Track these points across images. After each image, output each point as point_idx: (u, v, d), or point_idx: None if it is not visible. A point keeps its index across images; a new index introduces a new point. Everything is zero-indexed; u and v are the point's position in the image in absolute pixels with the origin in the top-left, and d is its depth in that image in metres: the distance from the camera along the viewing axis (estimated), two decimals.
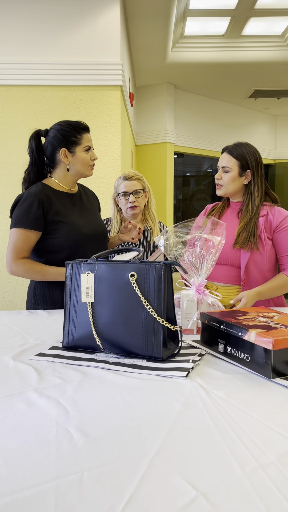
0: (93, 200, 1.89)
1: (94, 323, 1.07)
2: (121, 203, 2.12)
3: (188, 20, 3.97)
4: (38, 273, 1.61)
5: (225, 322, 1.04)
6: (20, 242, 1.60)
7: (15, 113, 3.07)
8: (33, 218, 1.59)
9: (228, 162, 1.74)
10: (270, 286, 1.61)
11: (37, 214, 1.59)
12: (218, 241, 1.29)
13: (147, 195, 2.15)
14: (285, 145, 7.06)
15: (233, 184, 1.75)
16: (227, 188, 1.76)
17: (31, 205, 1.59)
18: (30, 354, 1.06)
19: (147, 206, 2.18)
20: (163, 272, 1.02)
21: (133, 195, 2.07)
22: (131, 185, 2.08)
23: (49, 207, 1.62)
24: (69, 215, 1.68)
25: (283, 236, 1.69)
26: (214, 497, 0.52)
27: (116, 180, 2.16)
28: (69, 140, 1.65)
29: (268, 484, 0.55)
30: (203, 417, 0.73)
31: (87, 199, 1.84)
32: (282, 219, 1.70)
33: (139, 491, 0.53)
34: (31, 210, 1.59)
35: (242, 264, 1.66)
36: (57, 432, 0.68)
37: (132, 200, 2.07)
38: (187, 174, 6.70)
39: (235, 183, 1.75)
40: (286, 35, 4.24)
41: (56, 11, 3.01)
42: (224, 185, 1.76)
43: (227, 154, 1.76)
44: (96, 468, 0.58)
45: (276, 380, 0.89)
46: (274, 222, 1.69)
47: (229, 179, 1.74)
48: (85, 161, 1.68)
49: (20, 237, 1.60)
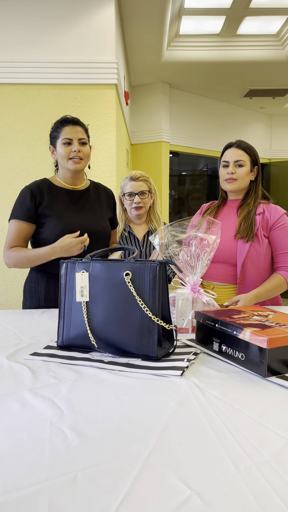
0: (104, 199, 1.83)
1: (88, 322, 1.06)
2: (127, 203, 2.14)
3: (183, 19, 3.96)
4: (23, 257, 1.60)
5: (220, 321, 1.04)
6: (12, 232, 1.63)
7: (10, 111, 3.05)
8: (25, 209, 1.62)
9: (242, 156, 1.73)
10: (267, 287, 1.61)
11: (29, 205, 1.62)
12: (213, 240, 1.29)
13: (153, 196, 2.17)
14: (280, 144, 7.08)
15: (246, 178, 1.75)
16: (241, 182, 1.75)
17: (24, 197, 1.64)
18: (24, 354, 1.06)
19: (152, 207, 2.20)
20: (158, 271, 1.02)
21: (138, 196, 2.09)
22: (137, 186, 2.10)
23: (41, 200, 1.64)
24: (60, 210, 1.66)
25: (279, 234, 1.70)
26: (208, 496, 0.52)
27: (123, 180, 2.17)
28: (52, 135, 1.69)
29: (262, 483, 0.55)
30: (197, 416, 0.73)
31: (96, 197, 1.79)
32: (279, 217, 1.71)
33: (133, 491, 0.53)
34: (25, 202, 1.63)
35: (238, 262, 1.66)
36: (51, 432, 0.67)
37: (138, 201, 2.09)
38: (183, 173, 6.70)
39: (248, 177, 1.76)
40: (281, 34, 4.25)
41: (51, 9, 3.00)
42: (238, 179, 1.74)
43: (237, 149, 1.75)
44: (90, 467, 0.58)
45: (270, 379, 0.89)
46: (270, 220, 1.70)
47: (244, 172, 1.73)
48: (62, 154, 1.64)
49: (13, 228, 1.63)
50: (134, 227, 2.19)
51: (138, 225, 2.20)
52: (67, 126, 1.64)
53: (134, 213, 2.12)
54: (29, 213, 1.62)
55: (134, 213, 2.12)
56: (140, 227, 2.19)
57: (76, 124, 1.66)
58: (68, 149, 1.63)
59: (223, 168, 1.77)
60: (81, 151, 1.64)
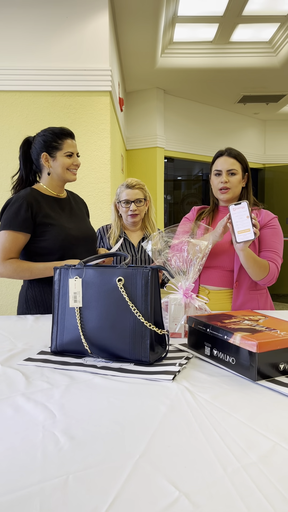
0: (82, 207, 1.93)
1: (82, 328, 1.07)
2: (122, 210, 2.16)
3: (177, 26, 4.00)
4: (25, 270, 1.63)
5: (211, 326, 1.05)
6: (8, 243, 1.62)
7: (5, 118, 3.07)
8: (21, 220, 1.62)
9: (234, 165, 1.74)
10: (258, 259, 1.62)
11: (25, 216, 1.63)
12: (205, 245, 1.31)
13: (148, 203, 2.19)
14: (274, 149, 7.13)
15: (239, 186, 1.77)
16: (235, 190, 1.76)
17: (19, 207, 1.63)
18: (18, 359, 1.07)
19: (147, 214, 2.23)
20: (150, 276, 1.03)
21: (134, 204, 2.11)
22: (133, 194, 2.12)
23: (38, 210, 1.66)
24: (58, 218, 1.71)
25: (268, 232, 1.72)
26: (196, 497, 0.54)
27: (119, 187, 2.19)
28: (50, 145, 1.71)
29: (249, 484, 0.56)
30: (188, 419, 0.74)
31: (76, 204, 1.88)
32: (270, 219, 1.75)
33: (123, 493, 0.54)
34: (20, 212, 1.63)
35: (235, 266, 1.68)
36: (44, 436, 0.68)
37: (133, 209, 2.11)
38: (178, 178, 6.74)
39: (240, 185, 1.78)
40: (274, 41, 4.30)
41: (45, 17, 3.02)
42: (232, 188, 1.75)
43: (229, 157, 1.76)
44: (81, 470, 0.59)
45: (260, 382, 0.91)
46: (262, 221, 1.72)
47: (236, 181, 1.75)
48: (65, 165, 1.72)
49: (8, 239, 1.62)
50: (129, 234, 2.21)
51: (133, 232, 2.22)
52: (68, 139, 1.73)
53: (130, 220, 2.15)
54: (26, 223, 1.62)
55: (130, 220, 2.15)
56: (135, 233, 2.22)
57: (74, 137, 1.77)
58: (70, 161, 1.73)
59: (216, 176, 1.78)
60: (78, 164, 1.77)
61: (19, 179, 1.79)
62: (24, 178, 1.79)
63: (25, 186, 1.77)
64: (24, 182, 1.79)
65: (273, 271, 1.65)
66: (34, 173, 1.81)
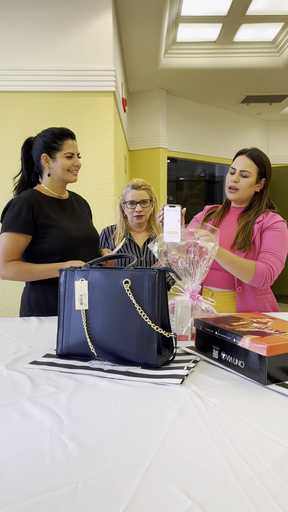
0: (84, 207, 1.91)
1: (88, 331, 1.06)
2: (128, 211, 2.14)
3: (180, 26, 3.99)
4: (27, 272, 1.62)
5: (219, 329, 1.04)
6: (9, 245, 1.61)
7: (8, 119, 3.06)
8: (22, 221, 1.61)
9: (249, 167, 1.69)
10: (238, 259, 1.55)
11: (26, 218, 1.61)
12: (211, 247, 1.30)
13: (154, 204, 2.18)
14: (277, 149, 7.11)
15: (249, 190, 1.72)
16: (243, 193, 1.72)
17: (20, 209, 1.62)
18: (23, 362, 1.06)
19: (153, 215, 2.20)
20: (157, 278, 1.02)
21: (140, 205, 2.10)
22: (139, 195, 2.10)
23: (39, 211, 1.64)
24: (59, 219, 1.70)
25: (269, 234, 1.67)
26: (209, 506, 0.52)
27: (124, 188, 2.18)
28: (50, 146, 1.69)
29: (263, 492, 0.55)
30: (197, 425, 0.73)
31: (78, 205, 1.86)
32: (274, 222, 1.69)
33: (134, 502, 0.53)
34: (21, 214, 1.62)
35: None
36: (51, 442, 0.67)
37: (139, 210, 2.10)
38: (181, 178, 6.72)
39: (251, 189, 1.72)
40: (277, 41, 4.28)
41: (48, 17, 3.02)
42: (240, 190, 1.71)
43: (247, 158, 1.71)
44: (91, 479, 0.58)
45: (270, 387, 0.90)
46: (265, 224, 1.69)
47: (247, 184, 1.70)
48: (65, 166, 1.70)
49: (9, 241, 1.61)
50: (134, 235, 2.19)
51: (138, 233, 2.20)
52: (69, 139, 1.71)
53: (135, 221, 2.13)
54: (27, 225, 1.61)
55: (136, 221, 2.14)
56: (140, 234, 2.20)
57: (74, 138, 1.75)
58: (70, 162, 1.71)
59: (230, 174, 1.74)
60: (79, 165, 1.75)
61: (21, 180, 1.78)
62: (26, 179, 1.78)
63: (26, 187, 1.76)
64: (25, 183, 1.78)
65: (262, 271, 1.57)
66: (36, 174, 1.80)
